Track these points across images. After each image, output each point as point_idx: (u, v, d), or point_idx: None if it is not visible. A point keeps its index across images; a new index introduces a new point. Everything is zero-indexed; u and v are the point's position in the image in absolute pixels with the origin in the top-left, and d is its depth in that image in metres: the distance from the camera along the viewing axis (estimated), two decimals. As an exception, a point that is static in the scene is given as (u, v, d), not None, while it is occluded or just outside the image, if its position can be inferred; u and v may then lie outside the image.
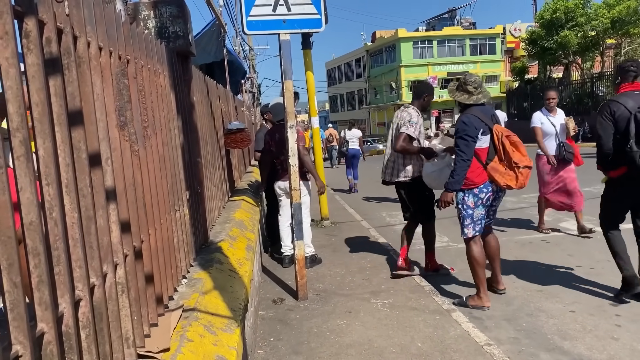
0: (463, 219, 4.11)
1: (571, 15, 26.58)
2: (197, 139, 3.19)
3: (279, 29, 4.11)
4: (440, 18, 52.10)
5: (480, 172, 4.02)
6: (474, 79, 4.18)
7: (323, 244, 6.50)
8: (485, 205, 4.08)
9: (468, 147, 3.95)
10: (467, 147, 3.94)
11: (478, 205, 4.06)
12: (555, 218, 7.33)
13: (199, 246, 3.11)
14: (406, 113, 4.80)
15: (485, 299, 4.16)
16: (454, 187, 4.02)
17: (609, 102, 3.99)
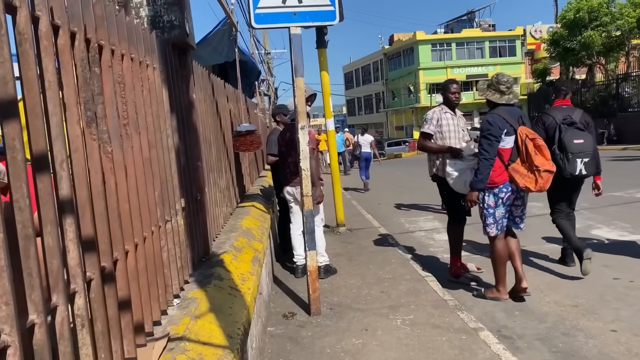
0: (485, 217, 4.18)
1: (595, 14, 25.86)
2: (197, 140, 2.89)
3: (290, 22, 3.81)
4: (459, 20, 51.49)
5: (502, 172, 4.07)
6: (507, 78, 4.22)
7: (339, 252, 6.16)
8: (505, 205, 4.13)
9: (491, 147, 4.01)
10: (490, 146, 4.01)
11: (499, 204, 4.11)
12: (586, 225, 6.88)
13: (199, 259, 2.81)
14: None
15: (503, 292, 4.28)
16: (478, 186, 4.08)
17: (541, 114, 4.98)
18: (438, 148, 4.81)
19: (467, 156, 4.53)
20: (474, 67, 45.98)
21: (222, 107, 4.35)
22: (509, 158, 4.05)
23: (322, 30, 6.98)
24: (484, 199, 4.13)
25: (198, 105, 3.21)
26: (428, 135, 4.85)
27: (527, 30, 46.53)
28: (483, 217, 4.19)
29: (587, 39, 25.50)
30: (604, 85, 25.33)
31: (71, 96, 1.35)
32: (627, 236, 6.10)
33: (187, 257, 2.51)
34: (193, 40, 2.86)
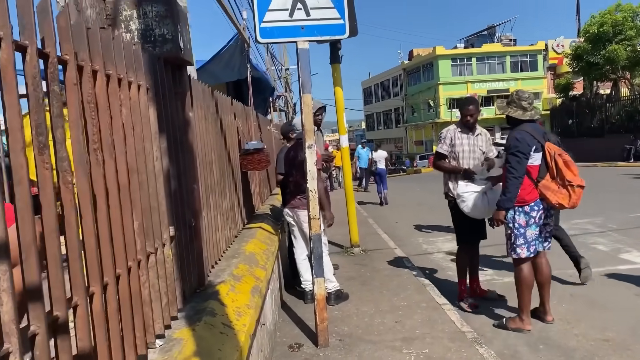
0: (515, 238, 3.95)
1: (619, 28, 25.30)
2: (193, 162, 2.69)
3: (297, 37, 3.62)
4: (480, 35, 51.10)
5: (531, 189, 3.92)
6: (528, 94, 4.10)
7: (352, 275, 5.90)
8: (538, 224, 3.95)
9: (520, 164, 3.85)
10: (519, 164, 3.85)
11: (531, 224, 3.92)
12: (615, 248, 6.51)
13: (192, 291, 2.59)
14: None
15: (527, 322, 4.04)
16: (506, 205, 3.91)
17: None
18: (452, 168, 4.74)
19: (480, 179, 4.51)
20: (494, 82, 45.46)
21: (228, 124, 4.16)
22: (537, 175, 3.92)
23: (336, 45, 6.81)
24: (514, 218, 3.94)
25: (197, 123, 3.02)
26: (442, 155, 4.79)
27: (548, 44, 45.91)
28: (512, 238, 3.96)
29: (611, 53, 24.94)
30: (630, 100, 24.67)
31: (14, 119, 1.16)
32: (659, 261, 5.73)
33: (176, 291, 2.29)
34: (190, 56, 2.68)
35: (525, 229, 3.91)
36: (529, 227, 3.91)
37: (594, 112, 25.73)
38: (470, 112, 4.68)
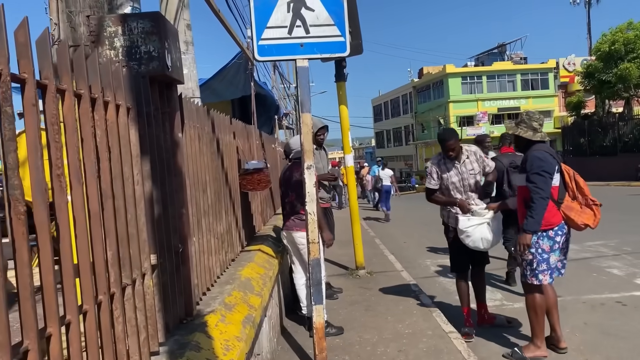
0: (538, 264, 3.77)
1: (631, 46, 25.10)
2: (181, 185, 2.57)
3: (296, 54, 3.50)
4: (490, 53, 51.10)
5: (555, 212, 3.77)
6: (538, 115, 4.00)
7: (356, 299, 5.71)
8: (561, 249, 3.81)
9: (546, 184, 3.68)
10: (545, 184, 3.67)
11: (555, 249, 3.76)
12: (630, 273, 6.26)
13: (177, 322, 2.44)
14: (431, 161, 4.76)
15: (543, 348, 3.88)
16: (534, 228, 3.70)
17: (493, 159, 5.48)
18: (445, 201, 4.60)
19: (479, 208, 4.42)
20: (505, 100, 45.30)
21: (226, 144, 4.04)
22: (557, 196, 3.81)
23: (341, 63, 6.72)
24: (537, 243, 3.75)
25: (189, 144, 2.90)
26: (432, 190, 4.64)
27: (559, 63, 45.74)
28: (534, 264, 3.77)
29: (623, 71, 24.71)
30: (643, 118, 24.36)
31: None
32: (677, 287, 5.48)
33: (158, 324, 2.15)
34: (179, 74, 2.57)
35: (549, 255, 3.75)
36: (553, 252, 3.75)
37: (606, 130, 25.43)
38: (451, 146, 4.44)
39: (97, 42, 2.22)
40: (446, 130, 4.65)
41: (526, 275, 3.85)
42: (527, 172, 3.73)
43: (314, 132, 5.45)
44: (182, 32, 5.23)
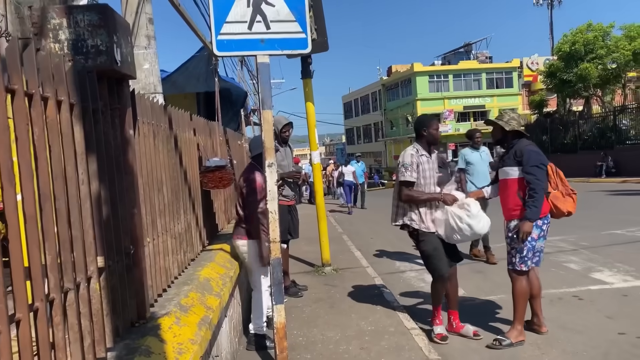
0: (527, 251, 4.01)
1: (591, 47, 25.86)
2: (133, 184, 2.48)
3: (256, 50, 3.44)
4: (456, 52, 51.83)
5: (545, 202, 4.04)
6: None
7: (320, 297, 5.69)
8: (545, 237, 4.10)
9: (544, 176, 4.02)
10: (543, 176, 4.00)
11: (540, 237, 4.03)
12: (587, 267, 6.43)
13: (129, 325, 2.36)
14: (401, 155, 4.40)
15: (524, 332, 4.14)
16: (537, 217, 3.94)
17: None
18: (429, 197, 4.26)
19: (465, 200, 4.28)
20: (471, 99, 46.08)
21: (185, 141, 3.94)
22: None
23: (306, 60, 6.68)
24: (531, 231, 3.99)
25: (143, 141, 2.81)
26: (411, 183, 4.26)
27: (523, 62, 46.78)
28: (524, 251, 4.00)
29: (583, 71, 25.44)
30: (601, 117, 25.11)
31: None
32: (631, 281, 5.65)
33: (106, 328, 2.06)
34: (130, 69, 2.48)
35: (536, 242, 4.01)
36: (539, 239, 4.02)
37: (567, 128, 26.12)
38: (437, 126, 4.38)
39: (40, 35, 2.12)
40: (426, 114, 4.66)
41: (514, 263, 4.05)
42: (525, 165, 3.95)
43: (278, 128, 5.41)
44: (143, 27, 5.09)
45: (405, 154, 4.31)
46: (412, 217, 4.28)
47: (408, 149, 4.36)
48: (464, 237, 4.21)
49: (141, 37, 5.05)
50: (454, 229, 4.14)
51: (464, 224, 4.09)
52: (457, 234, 4.17)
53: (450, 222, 4.15)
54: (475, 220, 4.10)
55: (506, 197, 4.13)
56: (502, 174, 4.21)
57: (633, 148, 22.35)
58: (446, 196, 4.24)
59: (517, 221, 4.02)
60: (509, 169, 4.09)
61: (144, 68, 4.96)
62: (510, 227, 4.08)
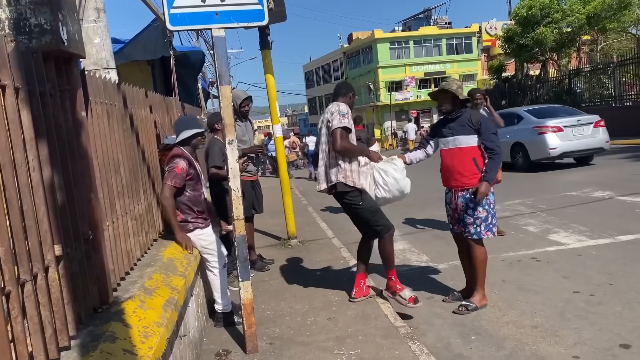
0: (492, 218, 4.10)
1: (547, 11, 26.22)
2: (88, 167, 2.40)
3: (211, 23, 3.35)
4: (416, 18, 51.82)
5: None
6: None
7: (287, 269, 5.74)
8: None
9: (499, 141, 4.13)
10: (499, 141, 4.12)
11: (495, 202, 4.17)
12: (544, 229, 6.67)
13: (91, 311, 2.33)
14: (334, 105, 4.14)
15: (486, 296, 4.27)
16: (492, 179, 4.03)
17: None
18: (362, 150, 4.25)
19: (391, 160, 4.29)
20: (432, 65, 46.36)
21: (142, 119, 3.84)
22: None
23: (264, 30, 6.54)
24: (488, 199, 4.07)
25: (96, 122, 2.72)
26: (349, 131, 4.08)
27: (482, 27, 47.17)
28: (489, 218, 4.08)
29: (539, 35, 25.84)
30: (557, 80, 25.70)
31: None
32: (585, 241, 5.89)
33: (68, 316, 2.03)
34: (79, 48, 2.37)
35: (494, 208, 4.14)
36: (494, 205, 4.16)
37: (524, 92, 26.64)
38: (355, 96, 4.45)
39: (-22, 14, 2.00)
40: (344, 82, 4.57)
41: (479, 232, 4.06)
42: (485, 133, 3.99)
43: (237, 103, 5.32)
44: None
45: (340, 104, 4.13)
46: (348, 175, 4.07)
47: (340, 102, 4.20)
48: (388, 193, 4.15)
49: (90, 10, 4.83)
50: (378, 182, 4.15)
51: (389, 177, 4.11)
52: (381, 188, 4.15)
53: (375, 176, 4.16)
54: (401, 174, 4.14)
55: (462, 165, 4.06)
56: (452, 143, 4.10)
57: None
58: (373, 153, 4.31)
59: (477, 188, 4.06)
60: (465, 137, 4.03)
61: (95, 43, 4.76)
62: (469, 196, 4.07)
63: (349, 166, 4.10)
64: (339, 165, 4.10)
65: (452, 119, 4.13)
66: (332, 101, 4.30)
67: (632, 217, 6.75)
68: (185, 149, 3.87)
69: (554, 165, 12.65)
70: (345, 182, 4.08)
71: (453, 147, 4.10)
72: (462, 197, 4.10)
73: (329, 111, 4.13)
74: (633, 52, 22.99)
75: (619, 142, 18.00)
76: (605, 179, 10.23)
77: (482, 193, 3.95)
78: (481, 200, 4.01)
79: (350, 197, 4.15)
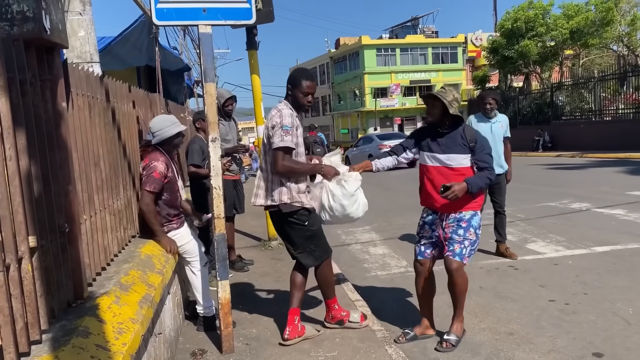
0: (476, 245, 3.66)
1: (531, 25, 26.72)
2: (67, 159, 2.36)
3: (198, 20, 3.33)
4: (404, 26, 52.28)
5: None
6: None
7: (266, 271, 5.71)
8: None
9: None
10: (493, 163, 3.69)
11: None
12: (522, 238, 6.75)
13: (65, 306, 2.28)
14: (276, 112, 3.54)
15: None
16: (474, 190, 3.46)
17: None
18: (311, 168, 3.68)
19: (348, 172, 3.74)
20: (417, 73, 46.78)
21: (124, 113, 3.79)
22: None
23: (252, 30, 6.53)
24: (479, 223, 3.63)
25: (77, 114, 2.68)
26: (290, 150, 3.49)
27: (468, 37, 47.78)
28: (476, 244, 3.61)
29: (524, 48, 26.30)
30: (540, 93, 26.14)
31: None
32: (561, 251, 5.98)
33: (40, 310, 1.98)
34: (62, 37, 2.33)
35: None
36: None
37: (507, 104, 27.01)
38: (313, 89, 3.65)
39: (-42, -2, 1.95)
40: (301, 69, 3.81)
41: (462, 256, 3.51)
42: (479, 153, 3.50)
43: (221, 102, 5.30)
44: (77, -10, 4.80)
45: (282, 113, 3.50)
46: (295, 196, 3.55)
47: (282, 107, 3.58)
48: (333, 219, 3.70)
49: (75, 3, 4.76)
50: (324, 206, 3.66)
51: (336, 202, 3.61)
52: (325, 213, 3.68)
53: (322, 198, 3.66)
54: (349, 201, 3.62)
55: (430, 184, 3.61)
56: (441, 161, 3.56)
57: (568, 123, 23.49)
58: (327, 168, 3.65)
59: (470, 212, 3.56)
60: (458, 156, 3.51)
61: (79, 35, 4.69)
62: (462, 218, 3.56)
63: (296, 186, 3.56)
64: (282, 185, 3.56)
65: (442, 133, 3.58)
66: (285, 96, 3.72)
67: (608, 229, 6.87)
68: (164, 149, 3.81)
69: (528, 178, 12.80)
70: (292, 203, 3.56)
71: (442, 165, 3.55)
72: (453, 218, 3.57)
73: (270, 121, 3.53)
74: (614, 68, 23.50)
75: (598, 156, 18.37)
76: (584, 191, 10.41)
77: (452, 190, 3.34)
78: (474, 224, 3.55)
79: (296, 217, 3.59)
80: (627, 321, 3.88)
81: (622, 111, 21.02)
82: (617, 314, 4.03)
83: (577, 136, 21.90)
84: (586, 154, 19.30)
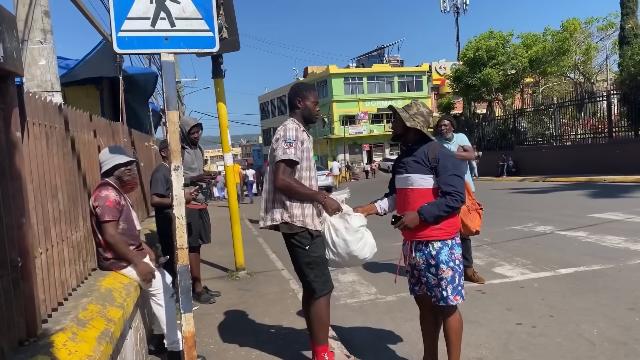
0: (459, 277, 3.12)
1: (493, 53, 27.63)
2: (20, 190, 2.28)
3: (160, 48, 3.30)
4: (370, 55, 53.42)
5: (457, 217, 3.23)
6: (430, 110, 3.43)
7: (234, 302, 5.58)
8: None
9: (463, 187, 3.09)
10: (462, 187, 3.08)
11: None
12: (489, 262, 6.82)
13: (16, 344, 2.17)
14: (281, 127, 3.43)
15: None
16: (430, 220, 3.04)
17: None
18: (311, 194, 3.38)
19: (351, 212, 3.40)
20: (384, 101, 47.65)
21: (85, 143, 3.70)
22: None
23: (217, 59, 6.54)
24: (452, 254, 3.11)
25: (33, 143, 2.60)
26: (294, 164, 3.32)
27: (432, 66, 49.09)
28: (456, 279, 3.11)
29: (486, 76, 27.12)
30: (502, 119, 26.90)
31: None
32: (527, 274, 6.06)
33: (-13, 350, 1.88)
34: (16, 65, 2.27)
35: (461, 265, 3.17)
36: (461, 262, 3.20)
37: (472, 130, 27.65)
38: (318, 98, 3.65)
39: None
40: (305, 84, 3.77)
41: (447, 297, 3.10)
42: (443, 174, 3.06)
43: (186, 130, 5.25)
44: (38, 20, 4.72)
45: (287, 127, 3.38)
46: (297, 214, 3.34)
47: (288, 122, 3.45)
48: (338, 258, 3.36)
49: (36, 31, 4.69)
50: (327, 242, 3.36)
51: (339, 237, 3.30)
52: (329, 250, 3.37)
53: (326, 233, 3.37)
54: (353, 237, 3.30)
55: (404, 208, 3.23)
56: (403, 182, 3.24)
57: (530, 149, 24.18)
58: (329, 201, 3.38)
59: (438, 244, 3.11)
60: (418, 177, 3.13)
61: (40, 64, 4.61)
62: (428, 251, 3.14)
63: (299, 205, 3.34)
64: (284, 204, 3.36)
65: (408, 151, 3.26)
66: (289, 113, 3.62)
67: (572, 251, 7.01)
68: (111, 180, 3.70)
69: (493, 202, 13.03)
70: (292, 223, 3.34)
71: (405, 187, 3.22)
72: (421, 253, 3.17)
73: (275, 136, 3.44)
74: (571, 95, 24.42)
75: (560, 180, 18.89)
76: (547, 214, 10.65)
77: (402, 222, 3.08)
78: (443, 258, 3.09)
79: (297, 238, 3.36)
80: (592, 342, 3.92)
81: (580, 136, 21.78)
82: (582, 335, 4.08)
83: (539, 161, 22.55)
84: (549, 178, 19.82)
